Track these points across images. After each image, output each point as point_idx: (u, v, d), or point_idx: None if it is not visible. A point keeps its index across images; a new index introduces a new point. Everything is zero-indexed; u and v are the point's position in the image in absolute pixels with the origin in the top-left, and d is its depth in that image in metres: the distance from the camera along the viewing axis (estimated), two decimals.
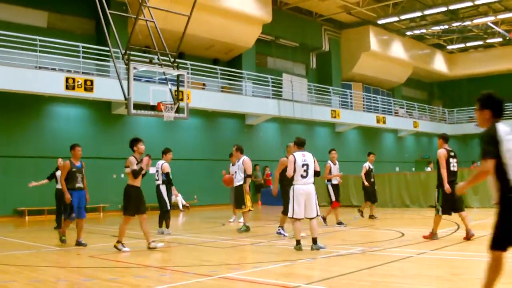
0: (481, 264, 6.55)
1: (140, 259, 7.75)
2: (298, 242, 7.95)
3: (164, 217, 10.94)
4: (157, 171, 10.98)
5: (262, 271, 6.47)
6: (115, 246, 8.39)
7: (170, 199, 10.91)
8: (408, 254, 7.37)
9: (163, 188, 10.81)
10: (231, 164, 12.76)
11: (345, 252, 7.79)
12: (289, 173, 8.03)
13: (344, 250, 8.00)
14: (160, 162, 11.00)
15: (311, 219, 8.02)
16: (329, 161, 12.30)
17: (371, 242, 8.71)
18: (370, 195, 13.41)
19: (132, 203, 8.32)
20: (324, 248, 7.91)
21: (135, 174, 8.29)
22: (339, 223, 11.74)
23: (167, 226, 10.93)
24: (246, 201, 11.10)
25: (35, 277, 6.27)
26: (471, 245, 8.33)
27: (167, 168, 10.87)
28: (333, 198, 12.08)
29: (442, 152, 8.90)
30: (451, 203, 8.60)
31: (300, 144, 8.27)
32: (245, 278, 5.99)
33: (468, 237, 8.56)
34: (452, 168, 8.85)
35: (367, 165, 13.50)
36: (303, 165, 7.99)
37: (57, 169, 12.37)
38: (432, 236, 8.81)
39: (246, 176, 11.05)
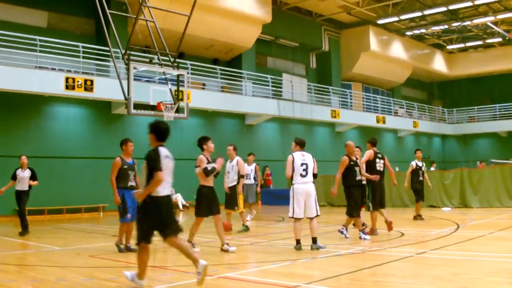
0: (482, 264, 6.59)
1: None
2: (298, 241, 7.94)
3: None
4: None
5: (262, 270, 6.47)
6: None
7: None
8: (408, 254, 7.36)
9: None
10: (245, 164, 12.83)
11: (345, 252, 7.78)
12: (288, 173, 8.08)
13: (344, 250, 7.99)
14: None
15: (311, 219, 8.02)
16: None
17: (371, 242, 8.70)
18: (420, 194, 12.63)
19: (205, 203, 8.06)
20: (324, 248, 7.91)
21: (207, 173, 7.95)
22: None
23: None
24: (238, 202, 11.05)
25: (35, 277, 6.26)
26: (470, 244, 8.34)
27: None
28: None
29: (368, 153, 9.90)
30: (379, 199, 9.74)
31: (301, 144, 8.28)
32: (245, 278, 5.99)
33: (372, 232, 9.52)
34: (378, 168, 9.82)
35: (414, 163, 12.71)
36: (302, 164, 8.01)
37: (19, 168, 11.65)
38: (372, 232, 9.50)
39: (240, 176, 10.96)
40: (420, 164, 12.68)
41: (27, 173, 11.54)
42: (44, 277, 6.26)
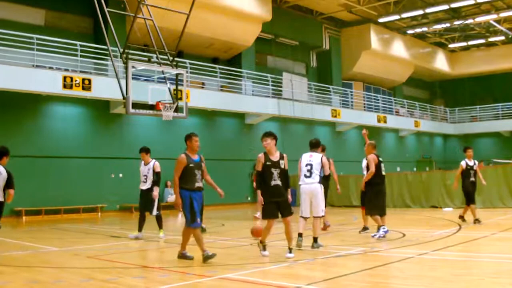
0: (484, 265, 6.52)
1: (138, 260, 7.69)
2: (300, 234, 8.09)
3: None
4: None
5: (262, 271, 6.45)
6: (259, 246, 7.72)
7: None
8: (409, 254, 7.33)
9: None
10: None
11: (346, 253, 7.75)
12: (298, 173, 8.39)
13: (344, 250, 7.95)
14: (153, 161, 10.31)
15: (315, 217, 8.15)
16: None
17: (371, 243, 8.65)
18: (470, 197, 11.51)
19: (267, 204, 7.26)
20: (322, 246, 8.03)
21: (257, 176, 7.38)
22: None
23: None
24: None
25: (33, 278, 6.23)
26: (472, 245, 8.32)
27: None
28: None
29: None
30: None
31: (311, 145, 8.54)
32: (245, 278, 5.94)
33: (325, 227, 10.69)
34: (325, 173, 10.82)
35: (464, 162, 11.50)
36: (306, 165, 8.21)
37: None
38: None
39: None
40: (471, 163, 11.47)
41: None
42: (41, 278, 6.23)
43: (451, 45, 33.85)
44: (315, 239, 8.06)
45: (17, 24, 16.94)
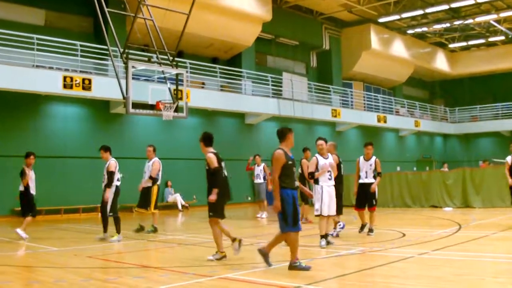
0: (484, 265, 6.52)
1: (138, 260, 7.68)
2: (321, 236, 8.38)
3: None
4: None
5: (261, 271, 6.43)
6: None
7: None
8: (409, 254, 7.32)
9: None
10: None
11: (346, 253, 7.74)
12: None
13: (344, 250, 7.95)
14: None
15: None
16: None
17: (371, 243, 8.65)
18: None
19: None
20: (324, 246, 8.09)
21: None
22: None
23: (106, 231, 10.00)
24: (151, 203, 10.95)
25: (33, 278, 6.27)
26: (473, 245, 8.29)
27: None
28: None
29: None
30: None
31: None
32: (244, 278, 5.95)
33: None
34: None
35: (509, 158, 10.64)
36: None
37: None
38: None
39: (152, 178, 10.91)
40: None
41: None
42: (42, 278, 6.24)
43: (451, 45, 33.83)
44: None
45: (17, 24, 16.92)
